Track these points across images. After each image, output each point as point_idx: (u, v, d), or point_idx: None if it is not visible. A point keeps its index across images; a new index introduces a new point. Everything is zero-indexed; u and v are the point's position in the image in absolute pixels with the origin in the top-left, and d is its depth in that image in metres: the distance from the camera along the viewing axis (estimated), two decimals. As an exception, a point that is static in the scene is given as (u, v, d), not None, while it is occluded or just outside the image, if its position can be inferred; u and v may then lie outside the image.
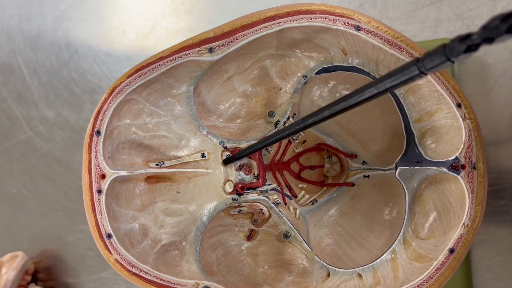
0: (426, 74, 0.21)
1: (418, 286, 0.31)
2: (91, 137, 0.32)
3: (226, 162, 0.36)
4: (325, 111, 0.26)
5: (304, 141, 0.39)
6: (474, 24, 0.42)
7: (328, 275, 0.35)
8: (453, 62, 0.20)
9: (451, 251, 0.31)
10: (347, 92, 0.38)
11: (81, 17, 0.59)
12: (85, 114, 0.58)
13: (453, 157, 0.31)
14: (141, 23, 0.56)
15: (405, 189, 0.34)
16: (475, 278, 0.40)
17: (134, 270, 0.32)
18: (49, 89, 0.59)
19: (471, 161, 0.31)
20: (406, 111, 0.33)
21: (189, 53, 0.32)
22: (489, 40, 0.18)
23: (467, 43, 0.19)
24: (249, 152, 0.34)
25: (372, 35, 0.31)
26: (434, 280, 0.31)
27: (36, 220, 0.59)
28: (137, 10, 0.57)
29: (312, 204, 0.39)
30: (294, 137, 0.39)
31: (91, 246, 0.56)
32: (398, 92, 0.33)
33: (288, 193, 0.38)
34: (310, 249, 0.36)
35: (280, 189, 0.38)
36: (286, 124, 0.37)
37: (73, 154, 0.58)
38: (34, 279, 0.57)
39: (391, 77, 0.22)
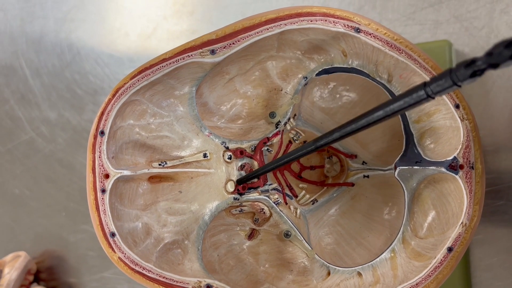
0: (433, 98, 0.22)
1: (417, 284, 0.32)
2: (95, 138, 0.33)
3: (239, 182, 0.36)
4: (336, 133, 0.27)
5: (304, 142, 0.39)
6: (472, 26, 0.42)
7: (328, 273, 0.35)
8: (459, 86, 0.20)
9: (450, 249, 0.31)
10: (347, 93, 0.38)
11: (83, 19, 0.59)
12: (87, 115, 0.58)
13: (451, 157, 0.32)
14: (143, 25, 0.57)
15: (404, 189, 0.34)
16: (474, 277, 0.41)
17: (137, 268, 0.32)
18: (51, 90, 0.60)
19: (469, 161, 0.32)
20: (405, 112, 0.34)
21: (191, 55, 0.33)
22: (494, 66, 0.19)
23: (473, 68, 0.19)
24: (261, 173, 0.34)
25: (371, 37, 0.32)
26: (433, 278, 0.31)
27: (38, 221, 0.59)
28: (139, 12, 0.57)
29: (312, 204, 0.39)
30: (295, 138, 0.39)
31: (93, 246, 0.56)
32: (398, 93, 0.34)
33: (288, 192, 0.39)
34: (310, 248, 0.36)
35: (281, 189, 0.38)
36: (287, 125, 0.37)
37: (75, 155, 0.58)
38: (37, 279, 0.58)
39: (399, 101, 0.23)
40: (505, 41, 0.18)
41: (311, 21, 0.32)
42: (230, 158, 0.36)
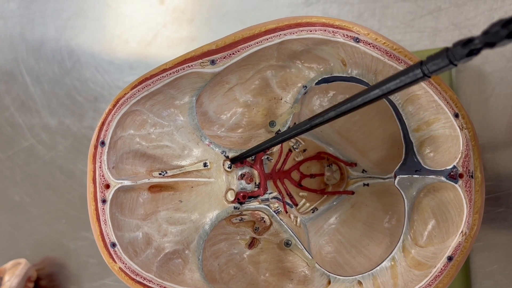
0: (429, 77, 0.22)
1: (417, 293, 0.32)
2: (95, 148, 0.33)
3: (233, 161, 0.36)
4: (331, 112, 0.27)
5: (304, 150, 0.40)
6: (471, 33, 0.42)
7: (329, 282, 0.35)
8: (455, 65, 0.20)
9: (450, 258, 0.31)
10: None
11: (83, 26, 0.59)
12: (87, 122, 0.58)
13: (451, 166, 0.32)
14: (143, 32, 0.57)
15: (404, 197, 0.34)
16: (474, 284, 0.41)
17: (138, 278, 0.32)
18: (52, 97, 0.60)
19: (469, 170, 0.32)
20: (405, 121, 0.34)
21: (191, 65, 0.33)
22: (490, 44, 0.19)
23: (469, 47, 0.19)
24: (257, 151, 0.34)
25: (370, 46, 0.32)
26: (433, 287, 0.31)
27: (38, 228, 0.59)
28: (139, 19, 0.57)
29: (312, 212, 0.39)
30: (295, 146, 0.39)
31: (93, 253, 0.56)
32: (397, 101, 0.34)
33: (289, 201, 0.39)
34: (311, 257, 0.36)
35: (281, 198, 0.38)
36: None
37: (76, 162, 0.58)
38: (37, 286, 0.57)
39: (396, 80, 0.23)
40: (502, 20, 0.18)
41: (311, 31, 0.32)
42: (230, 167, 0.36)
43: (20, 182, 0.61)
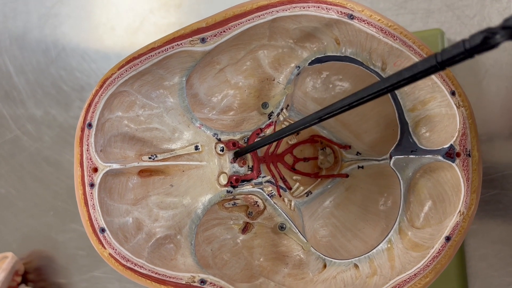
0: (444, 69, 0.21)
1: (415, 275, 0.31)
2: (82, 130, 0.32)
3: (237, 154, 0.35)
4: (342, 102, 0.24)
5: (297, 133, 0.39)
6: (464, 14, 0.42)
7: (325, 266, 0.35)
8: (472, 57, 0.20)
9: (447, 239, 0.31)
10: (340, 83, 0.37)
11: (68, 14, 0.58)
12: (74, 112, 0.57)
13: (448, 145, 0.31)
14: (130, 19, 0.56)
15: (400, 178, 0.34)
16: (469, 267, 0.40)
17: (128, 264, 0.31)
18: (37, 87, 0.58)
19: (466, 148, 0.31)
20: (400, 101, 0.33)
21: (181, 44, 0.32)
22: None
23: (491, 43, 0.19)
24: (262, 145, 0.33)
25: (365, 23, 0.31)
26: (431, 268, 0.31)
27: (25, 221, 0.58)
28: (125, 6, 0.56)
29: (306, 196, 0.39)
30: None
31: (82, 245, 0.55)
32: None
33: (282, 185, 0.38)
34: (306, 241, 0.35)
35: (274, 181, 0.37)
36: (280, 116, 0.36)
37: (62, 152, 0.57)
38: (25, 280, 0.57)
39: (410, 70, 0.22)
40: None
41: (304, 7, 0.31)
42: (222, 150, 0.35)
43: (5, 175, 0.59)
